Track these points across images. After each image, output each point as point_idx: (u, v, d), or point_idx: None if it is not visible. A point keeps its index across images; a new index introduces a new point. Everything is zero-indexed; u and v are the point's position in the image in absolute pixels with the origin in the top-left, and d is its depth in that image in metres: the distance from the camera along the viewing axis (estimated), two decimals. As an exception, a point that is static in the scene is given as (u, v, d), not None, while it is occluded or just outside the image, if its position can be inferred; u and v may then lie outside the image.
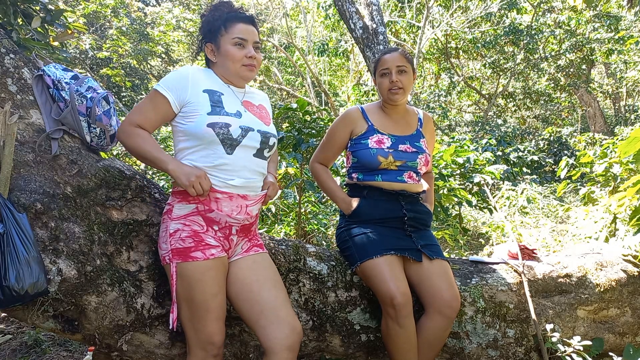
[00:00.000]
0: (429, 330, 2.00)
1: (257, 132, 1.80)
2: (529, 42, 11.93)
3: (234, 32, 1.78)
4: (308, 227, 4.53)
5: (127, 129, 1.72)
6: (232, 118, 1.74)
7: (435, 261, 2.08)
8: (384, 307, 1.98)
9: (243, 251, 1.85)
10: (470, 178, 4.13)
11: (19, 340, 2.91)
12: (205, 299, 1.67)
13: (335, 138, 2.26)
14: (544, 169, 10.31)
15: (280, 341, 1.67)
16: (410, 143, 2.21)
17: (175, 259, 1.69)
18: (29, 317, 1.74)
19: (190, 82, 1.74)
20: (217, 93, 1.79)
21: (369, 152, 2.14)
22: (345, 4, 5.77)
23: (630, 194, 2.35)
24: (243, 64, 1.80)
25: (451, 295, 2.00)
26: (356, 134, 2.21)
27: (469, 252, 5.53)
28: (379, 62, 2.21)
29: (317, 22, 13.75)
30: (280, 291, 1.80)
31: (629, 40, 11.03)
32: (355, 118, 2.23)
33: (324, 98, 13.19)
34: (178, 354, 1.98)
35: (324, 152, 2.32)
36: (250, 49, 1.80)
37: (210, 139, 1.70)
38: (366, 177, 2.19)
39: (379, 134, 2.18)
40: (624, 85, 15.34)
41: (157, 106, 1.73)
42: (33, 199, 1.71)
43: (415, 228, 2.19)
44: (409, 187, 2.19)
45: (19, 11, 2.38)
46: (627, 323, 2.37)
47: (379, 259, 2.01)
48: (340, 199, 2.24)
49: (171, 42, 10.85)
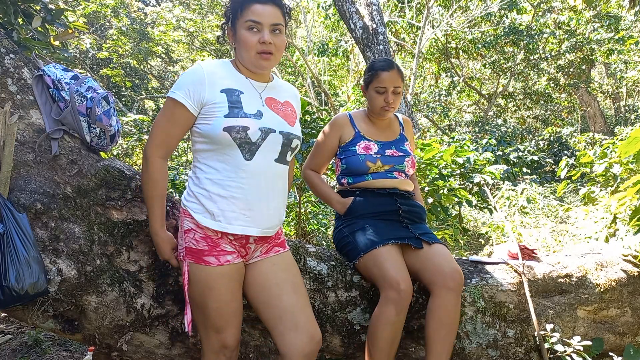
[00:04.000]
0: (440, 309, 1.94)
1: (279, 134, 1.66)
2: (529, 42, 11.93)
3: (248, 14, 1.58)
4: (308, 227, 4.53)
5: (150, 159, 1.62)
6: (250, 120, 1.60)
7: (435, 245, 2.11)
8: (386, 292, 1.92)
9: (262, 253, 1.75)
10: (470, 178, 4.13)
11: (19, 340, 2.91)
12: (219, 306, 1.61)
13: (325, 144, 2.32)
14: (544, 169, 10.31)
15: (298, 349, 1.61)
16: (396, 147, 2.28)
17: (188, 258, 1.63)
18: (29, 317, 1.74)
19: (207, 81, 1.59)
20: (236, 92, 1.63)
21: (357, 159, 2.21)
22: (345, 4, 5.77)
23: (630, 194, 2.35)
24: (257, 51, 1.60)
25: (452, 268, 2.00)
26: (344, 141, 2.28)
27: (469, 252, 5.54)
28: (375, 77, 2.21)
29: (317, 22, 13.75)
30: (301, 295, 1.72)
31: (629, 40, 11.04)
32: (343, 124, 2.29)
33: (324, 98, 13.19)
34: (178, 354, 1.98)
35: (315, 159, 2.37)
36: (264, 33, 1.59)
37: (227, 143, 1.58)
38: (356, 179, 2.26)
39: (366, 140, 2.25)
40: (624, 85, 15.34)
41: (176, 118, 1.60)
42: (33, 199, 1.71)
43: (411, 221, 2.23)
44: (399, 183, 2.26)
45: (19, 11, 2.37)
46: (627, 323, 2.37)
47: (380, 249, 2.03)
48: (335, 201, 2.28)
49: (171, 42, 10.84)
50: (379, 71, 2.20)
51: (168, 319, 1.92)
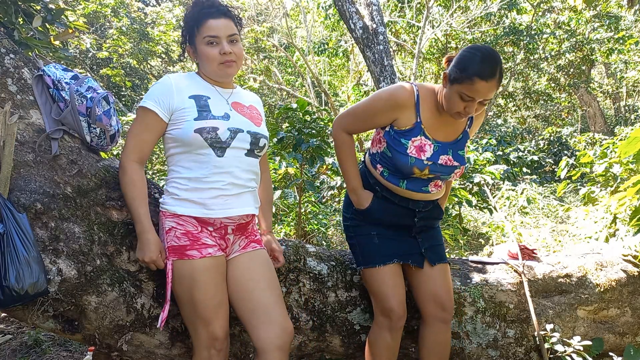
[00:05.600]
0: (430, 338, 2.02)
1: (247, 133, 1.78)
2: (529, 42, 11.92)
3: (204, 31, 1.72)
4: (308, 227, 4.53)
5: (124, 164, 1.71)
6: (219, 121, 1.72)
7: (436, 267, 2.04)
8: (379, 317, 1.98)
9: (240, 248, 1.83)
10: (470, 178, 4.13)
11: (19, 340, 2.91)
12: (205, 298, 1.67)
13: (375, 116, 1.93)
14: (544, 169, 10.31)
15: (272, 341, 1.68)
16: (453, 152, 1.96)
17: (171, 257, 1.69)
18: (29, 317, 1.74)
19: (174, 89, 1.72)
20: (204, 97, 1.76)
21: (406, 160, 1.89)
22: (345, 4, 5.77)
23: (630, 194, 2.35)
24: (219, 62, 1.74)
25: (446, 297, 2.01)
26: (400, 126, 1.90)
27: (469, 252, 5.53)
28: (467, 82, 1.73)
29: (317, 22, 13.75)
30: (274, 290, 1.79)
31: (629, 40, 11.04)
32: (406, 105, 1.89)
33: (324, 98, 13.19)
34: (178, 354, 1.98)
35: (354, 124, 1.99)
36: (223, 45, 1.71)
37: (199, 144, 1.69)
38: (391, 178, 1.98)
39: (424, 137, 1.90)
40: (624, 85, 15.34)
41: (148, 125, 1.72)
42: (33, 199, 1.71)
43: (424, 228, 2.09)
44: (429, 197, 2.03)
45: (19, 10, 2.37)
46: (627, 323, 2.37)
47: (382, 268, 1.98)
48: (353, 189, 2.02)
49: (171, 42, 10.83)
50: (475, 78, 1.71)
51: (168, 319, 1.92)
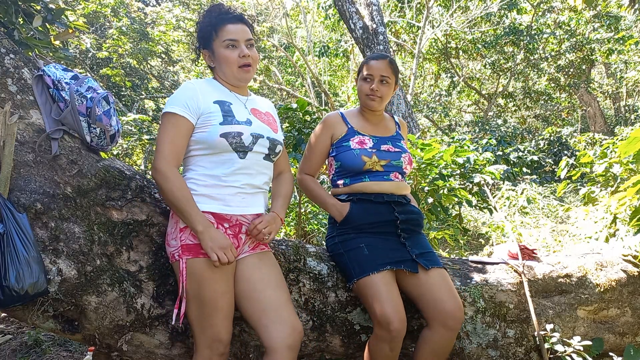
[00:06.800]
0: (434, 343, 1.95)
1: (267, 139, 1.85)
2: (529, 42, 11.93)
3: (224, 35, 1.80)
4: (308, 227, 4.53)
5: (166, 172, 1.67)
6: (243, 126, 1.78)
7: (432, 271, 2.02)
8: (377, 329, 1.92)
9: (250, 249, 1.86)
10: (470, 178, 4.13)
11: (19, 340, 2.91)
12: (214, 297, 1.69)
13: (317, 145, 2.22)
14: (544, 169, 10.30)
15: (282, 340, 1.69)
16: (392, 143, 2.20)
17: (185, 255, 1.70)
18: (29, 317, 1.74)
19: (200, 93, 1.77)
20: (227, 103, 1.82)
21: (352, 154, 2.11)
22: (345, 4, 5.77)
23: (630, 194, 2.35)
24: (238, 65, 1.82)
25: (454, 306, 1.94)
26: (337, 137, 2.18)
27: (469, 252, 5.54)
28: (364, 66, 2.18)
29: (317, 22, 13.76)
30: (283, 291, 1.82)
31: (629, 41, 11.05)
32: (335, 122, 2.20)
33: (324, 98, 13.19)
34: (178, 354, 1.98)
35: (308, 162, 2.26)
36: (242, 48, 1.81)
37: (224, 148, 1.75)
38: (352, 180, 2.15)
39: (360, 135, 2.16)
40: (624, 85, 15.34)
41: (181, 129, 1.73)
42: (33, 199, 1.71)
43: (409, 232, 2.13)
44: (397, 188, 2.15)
45: (20, 10, 2.37)
46: (627, 323, 2.37)
47: (375, 276, 1.95)
48: (331, 205, 2.16)
49: (171, 42, 10.83)
50: (368, 60, 2.17)
51: (168, 319, 1.92)
